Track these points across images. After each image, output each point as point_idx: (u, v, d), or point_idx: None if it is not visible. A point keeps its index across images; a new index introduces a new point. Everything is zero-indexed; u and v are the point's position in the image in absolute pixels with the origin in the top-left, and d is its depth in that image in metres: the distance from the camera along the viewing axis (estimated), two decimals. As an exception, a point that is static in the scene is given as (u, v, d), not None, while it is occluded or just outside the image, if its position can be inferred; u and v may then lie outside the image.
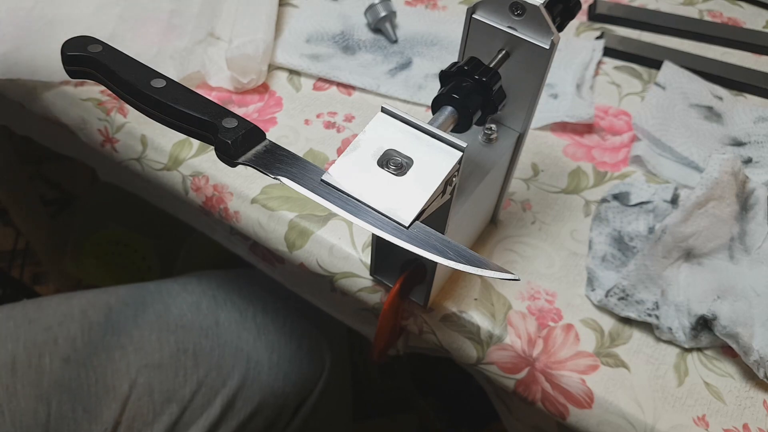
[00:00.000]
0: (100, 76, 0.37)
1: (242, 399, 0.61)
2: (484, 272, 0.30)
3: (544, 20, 0.36)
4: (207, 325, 0.63)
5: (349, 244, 0.49)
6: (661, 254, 0.46)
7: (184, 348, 0.60)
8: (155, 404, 0.57)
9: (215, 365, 0.61)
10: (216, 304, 0.65)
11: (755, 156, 0.56)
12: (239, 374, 0.61)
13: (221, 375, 0.61)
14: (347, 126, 0.57)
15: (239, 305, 0.66)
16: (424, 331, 0.48)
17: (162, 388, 0.58)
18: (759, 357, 0.43)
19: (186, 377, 0.59)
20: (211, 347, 0.61)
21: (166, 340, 0.60)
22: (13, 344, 0.56)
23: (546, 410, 0.45)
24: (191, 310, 0.63)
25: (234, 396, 0.61)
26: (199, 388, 0.59)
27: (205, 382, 0.60)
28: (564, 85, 0.61)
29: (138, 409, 0.56)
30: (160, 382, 0.58)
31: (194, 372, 0.59)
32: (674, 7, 0.72)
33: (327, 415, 0.74)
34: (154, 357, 0.58)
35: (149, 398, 0.57)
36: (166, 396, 0.58)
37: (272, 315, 0.67)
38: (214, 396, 0.60)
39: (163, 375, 0.58)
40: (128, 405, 0.56)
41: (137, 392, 0.57)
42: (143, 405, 0.57)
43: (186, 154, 0.54)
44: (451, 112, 0.36)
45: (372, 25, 0.65)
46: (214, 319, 0.63)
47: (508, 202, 0.53)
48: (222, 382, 0.60)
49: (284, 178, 0.32)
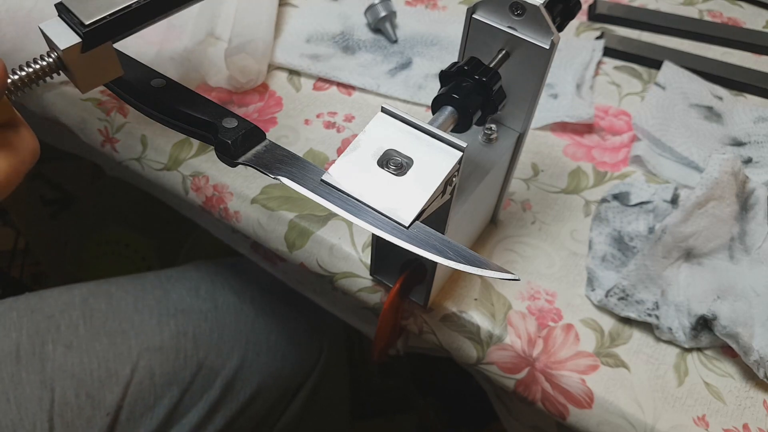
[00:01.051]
0: (100, 76, 0.37)
1: (241, 380, 0.62)
2: (484, 272, 0.30)
3: (544, 20, 0.36)
4: (206, 308, 0.63)
5: (349, 244, 0.49)
6: (661, 254, 0.46)
7: (183, 331, 0.61)
8: (156, 387, 0.58)
9: (215, 347, 0.61)
10: (214, 288, 0.66)
11: (755, 156, 0.56)
12: (238, 356, 0.62)
13: (221, 356, 0.61)
14: (347, 126, 0.57)
15: (237, 289, 0.66)
16: (424, 331, 0.48)
17: (163, 370, 0.58)
18: (759, 357, 0.43)
19: (186, 360, 0.60)
20: (210, 330, 0.62)
21: (166, 324, 0.60)
22: (17, 333, 0.56)
23: (546, 410, 0.45)
24: (190, 294, 0.64)
25: (233, 377, 0.61)
26: (199, 371, 0.60)
27: (205, 363, 0.60)
28: (564, 85, 0.61)
29: (139, 392, 0.57)
30: (160, 364, 0.58)
31: (194, 354, 0.60)
32: (674, 7, 0.72)
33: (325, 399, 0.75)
34: (154, 340, 0.59)
35: (150, 381, 0.58)
36: (167, 379, 0.58)
37: (269, 297, 0.68)
38: (214, 378, 0.60)
39: (164, 357, 0.59)
40: (130, 389, 0.57)
41: (139, 375, 0.57)
42: (144, 388, 0.57)
43: (186, 154, 0.54)
44: (451, 112, 0.36)
45: (372, 25, 0.65)
46: (212, 303, 0.64)
47: (508, 202, 0.53)
48: (221, 364, 0.61)
49: (284, 178, 0.32)
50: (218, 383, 0.61)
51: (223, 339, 0.62)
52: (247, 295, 0.66)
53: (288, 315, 0.68)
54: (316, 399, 0.71)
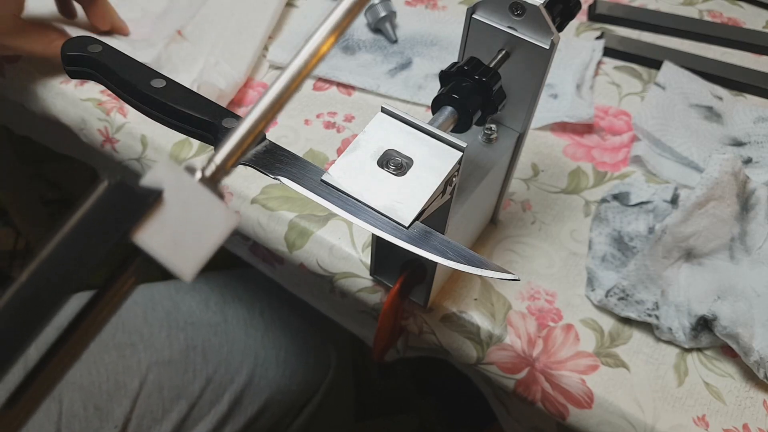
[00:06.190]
0: (100, 77, 0.37)
1: (250, 395, 0.62)
2: (484, 272, 0.30)
3: (544, 20, 0.36)
4: (215, 322, 0.63)
5: (349, 244, 0.49)
6: (661, 254, 0.46)
7: (193, 345, 0.60)
8: (165, 401, 0.58)
9: (224, 361, 0.61)
10: (224, 302, 0.65)
11: (755, 156, 0.56)
12: (247, 371, 0.62)
13: (229, 371, 0.61)
14: (347, 126, 0.57)
15: (246, 303, 0.66)
16: (424, 331, 0.48)
17: (171, 384, 0.58)
18: (759, 357, 0.43)
19: (195, 374, 0.60)
20: (219, 344, 0.62)
21: (175, 337, 0.60)
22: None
23: (546, 410, 0.45)
24: (200, 307, 0.64)
25: (242, 392, 0.61)
26: (208, 385, 0.60)
27: (214, 378, 0.60)
28: (564, 85, 0.61)
29: (148, 405, 0.57)
30: (169, 378, 0.58)
31: (203, 368, 0.60)
32: (674, 7, 0.72)
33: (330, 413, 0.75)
34: (163, 354, 0.59)
35: (159, 395, 0.57)
36: (176, 392, 0.58)
37: (278, 312, 0.68)
38: (223, 392, 0.60)
39: (173, 371, 0.59)
40: (138, 402, 0.57)
41: (147, 389, 0.57)
42: (153, 402, 0.57)
43: (186, 154, 0.54)
44: (451, 112, 0.36)
45: (372, 25, 0.65)
46: (222, 316, 0.64)
47: (508, 202, 0.53)
48: (230, 379, 0.61)
49: (284, 178, 0.32)
50: (226, 398, 0.60)
51: (232, 354, 0.62)
52: (256, 309, 0.66)
53: (298, 329, 0.68)
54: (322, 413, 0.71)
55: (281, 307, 0.68)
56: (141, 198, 0.18)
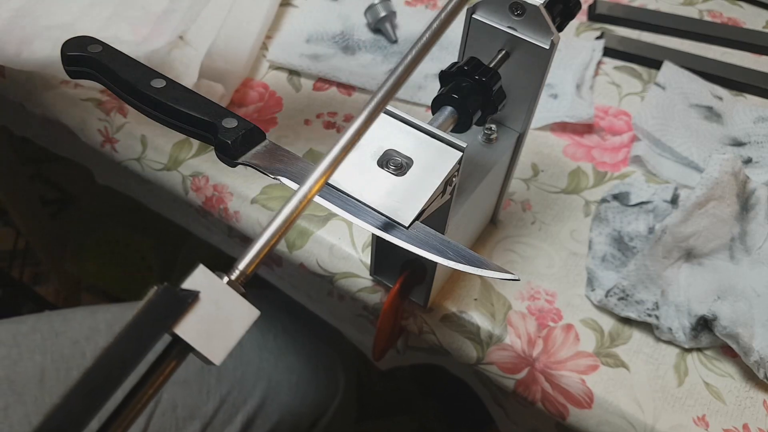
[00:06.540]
0: (99, 77, 0.37)
1: (262, 417, 0.63)
2: (484, 272, 0.30)
3: (544, 20, 0.36)
4: None
5: (349, 244, 0.49)
6: (661, 254, 0.46)
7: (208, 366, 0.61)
8: (178, 420, 0.58)
9: (237, 383, 0.62)
10: None
11: (755, 156, 0.56)
12: (260, 393, 0.63)
13: (243, 393, 0.62)
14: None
15: (260, 326, 0.67)
16: (424, 331, 0.48)
17: (185, 403, 0.59)
18: (759, 357, 0.43)
19: (209, 394, 0.60)
20: (234, 366, 0.63)
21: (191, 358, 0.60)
22: (41, 356, 0.57)
23: (546, 410, 0.45)
24: None
25: (254, 414, 0.62)
26: (221, 405, 0.60)
27: (227, 399, 0.61)
28: (564, 85, 0.61)
29: (161, 424, 0.57)
30: (183, 398, 0.59)
31: (217, 389, 0.61)
32: (674, 7, 0.72)
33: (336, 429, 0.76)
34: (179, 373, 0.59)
35: (173, 414, 0.58)
36: (189, 412, 0.59)
37: (292, 335, 0.69)
38: (236, 413, 0.61)
39: (187, 391, 0.59)
40: (152, 420, 0.57)
41: (162, 408, 0.57)
42: (167, 420, 0.57)
43: (186, 154, 0.54)
44: (451, 112, 0.36)
45: (372, 25, 0.65)
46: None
47: (508, 202, 0.53)
48: (243, 400, 0.62)
49: (284, 178, 0.32)
50: (239, 419, 0.61)
51: (246, 376, 0.63)
52: (271, 333, 0.68)
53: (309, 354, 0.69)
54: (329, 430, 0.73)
55: (294, 330, 0.69)
56: (182, 299, 0.23)
